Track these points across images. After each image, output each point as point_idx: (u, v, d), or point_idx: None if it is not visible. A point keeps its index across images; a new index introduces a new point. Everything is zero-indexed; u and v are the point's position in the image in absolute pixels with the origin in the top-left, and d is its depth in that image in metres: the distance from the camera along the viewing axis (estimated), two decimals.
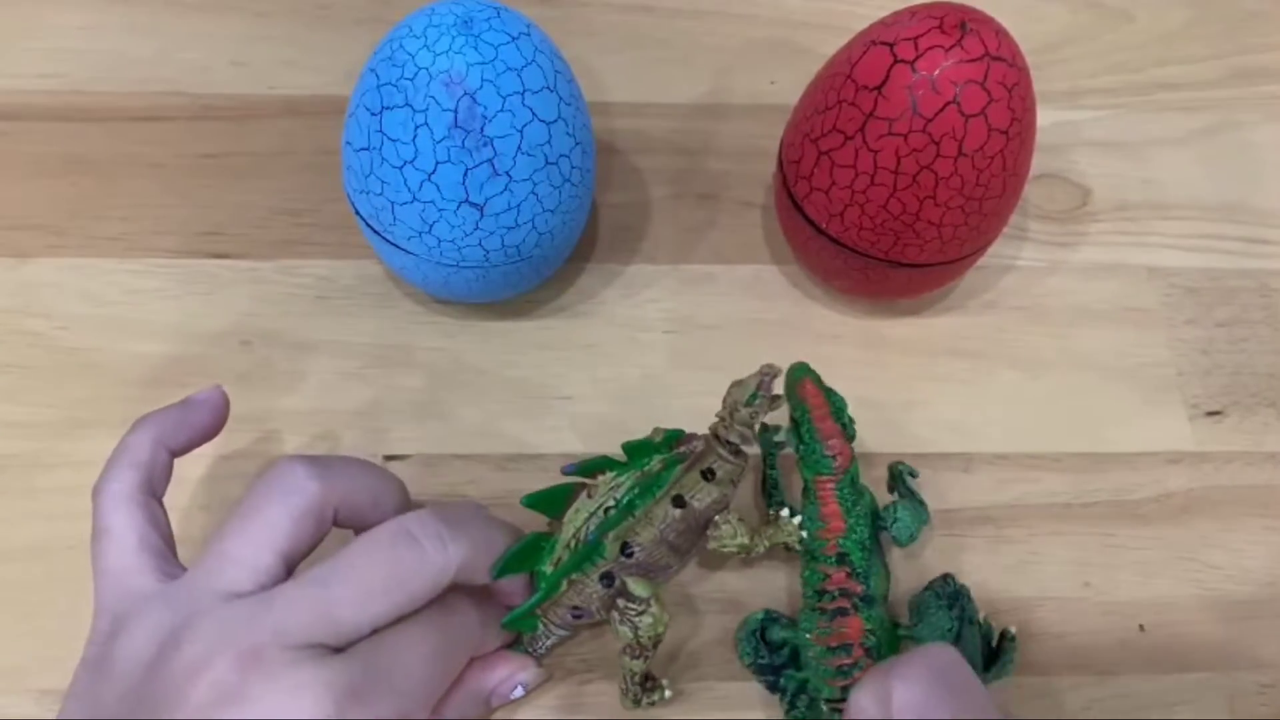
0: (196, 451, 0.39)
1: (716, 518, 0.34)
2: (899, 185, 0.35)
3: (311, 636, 0.27)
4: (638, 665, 0.34)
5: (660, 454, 0.34)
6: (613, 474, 0.34)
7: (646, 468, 0.34)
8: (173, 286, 0.42)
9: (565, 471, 0.34)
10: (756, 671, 0.35)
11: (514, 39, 0.33)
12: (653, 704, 0.34)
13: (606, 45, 0.49)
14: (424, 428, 0.40)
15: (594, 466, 0.34)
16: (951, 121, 0.33)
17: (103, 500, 0.31)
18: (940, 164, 0.34)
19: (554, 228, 0.37)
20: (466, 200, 0.34)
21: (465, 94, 0.33)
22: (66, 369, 0.40)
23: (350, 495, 0.31)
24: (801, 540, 0.35)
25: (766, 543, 0.35)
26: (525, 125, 0.34)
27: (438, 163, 0.34)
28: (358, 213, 0.37)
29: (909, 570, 0.38)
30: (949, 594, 0.35)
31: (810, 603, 0.35)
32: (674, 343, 0.42)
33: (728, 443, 0.34)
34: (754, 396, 0.33)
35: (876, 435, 0.41)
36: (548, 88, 0.34)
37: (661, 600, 0.33)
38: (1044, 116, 0.37)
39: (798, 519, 0.35)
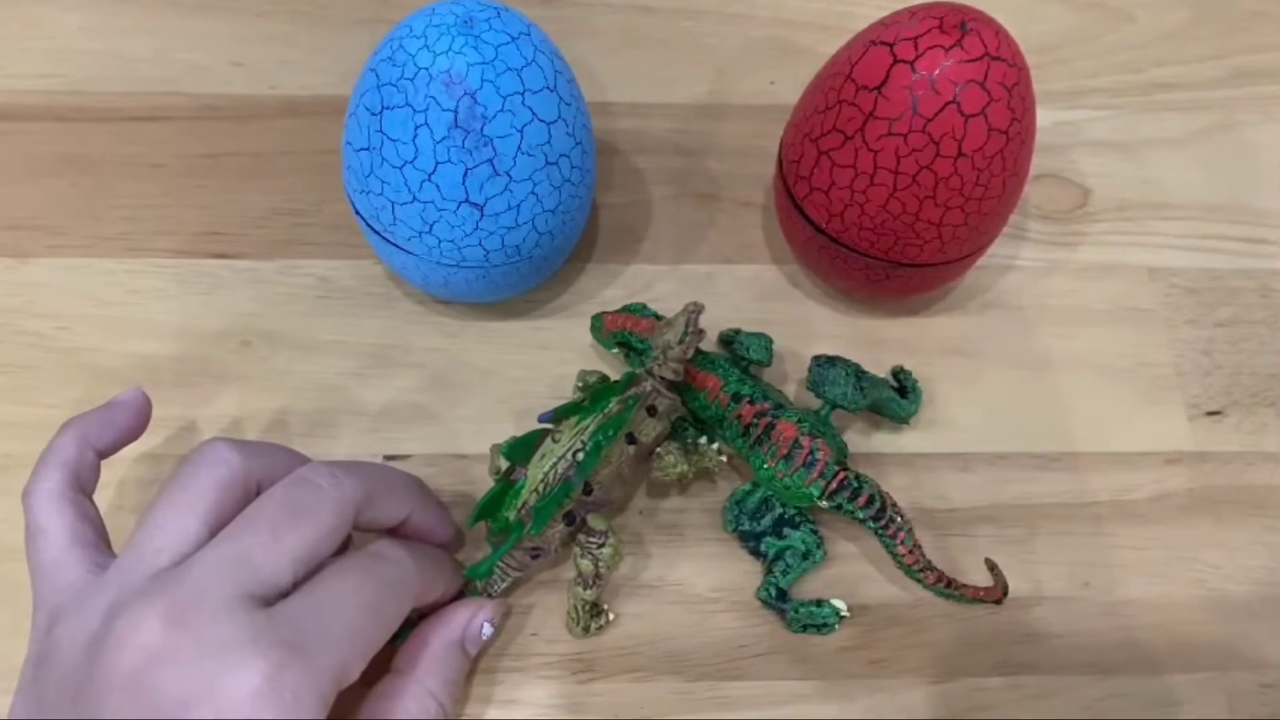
0: None
1: (659, 449, 0.37)
2: (899, 185, 0.35)
3: (233, 588, 0.27)
4: (590, 594, 0.35)
5: (615, 394, 0.36)
6: (575, 419, 0.35)
7: (607, 410, 0.35)
8: (173, 286, 0.42)
9: (541, 419, 0.36)
10: (740, 539, 0.38)
11: (514, 39, 0.33)
12: (600, 629, 0.36)
13: (607, 46, 0.49)
14: (424, 428, 0.40)
15: (565, 412, 0.36)
16: (951, 121, 0.33)
17: (33, 500, 0.32)
18: (940, 164, 0.34)
19: (554, 228, 0.37)
20: (467, 200, 0.34)
21: (465, 94, 0.33)
22: (67, 369, 0.40)
23: (273, 471, 0.31)
24: (720, 464, 0.38)
25: (694, 469, 0.37)
26: (525, 125, 0.34)
27: (438, 163, 0.34)
28: (358, 213, 0.37)
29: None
30: (827, 359, 0.39)
31: (747, 447, 0.37)
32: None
33: (663, 379, 0.36)
34: (684, 334, 0.36)
35: (876, 435, 0.41)
36: (548, 88, 0.34)
37: (617, 531, 0.35)
38: (1044, 116, 0.37)
39: (715, 445, 0.38)
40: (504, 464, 0.36)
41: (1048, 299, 0.44)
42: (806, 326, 0.43)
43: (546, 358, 0.42)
